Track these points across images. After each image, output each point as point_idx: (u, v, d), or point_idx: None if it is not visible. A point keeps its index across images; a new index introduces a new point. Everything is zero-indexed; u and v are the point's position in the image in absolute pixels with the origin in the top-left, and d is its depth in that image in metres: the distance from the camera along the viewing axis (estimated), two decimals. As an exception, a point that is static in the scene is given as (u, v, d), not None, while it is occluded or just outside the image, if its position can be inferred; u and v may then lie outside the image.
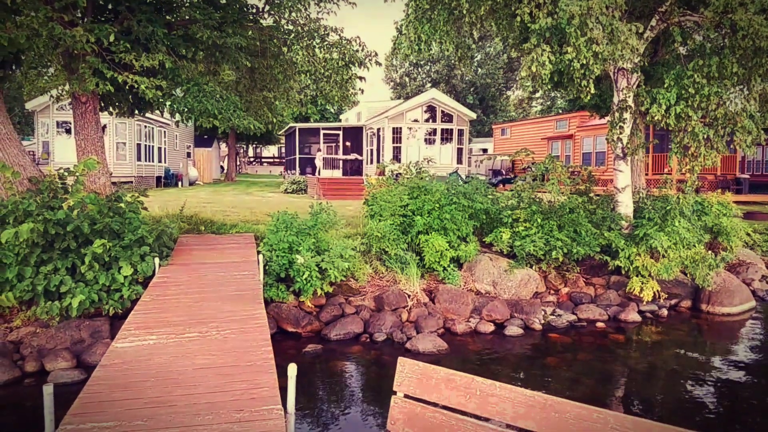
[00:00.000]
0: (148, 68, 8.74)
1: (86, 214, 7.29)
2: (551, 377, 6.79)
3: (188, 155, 31.47)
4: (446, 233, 9.44)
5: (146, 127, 23.64)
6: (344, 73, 11.60)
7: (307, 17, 11.16)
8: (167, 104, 10.15)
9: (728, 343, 8.36)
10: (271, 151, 60.26)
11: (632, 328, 8.71)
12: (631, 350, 7.93)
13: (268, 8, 10.90)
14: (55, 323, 6.87)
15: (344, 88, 12.03)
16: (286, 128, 31.11)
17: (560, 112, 38.10)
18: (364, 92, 13.09)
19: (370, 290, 8.90)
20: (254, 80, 12.39)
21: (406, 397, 3.27)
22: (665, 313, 9.32)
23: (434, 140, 22.91)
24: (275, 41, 11.04)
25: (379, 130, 23.17)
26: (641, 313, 9.19)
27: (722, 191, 12.34)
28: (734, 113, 8.95)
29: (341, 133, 28.04)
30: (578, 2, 7.63)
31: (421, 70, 51.42)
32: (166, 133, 26.17)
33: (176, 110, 9.84)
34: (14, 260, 6.63)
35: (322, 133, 28.00)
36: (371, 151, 24.70)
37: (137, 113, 11.38)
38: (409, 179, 10.54)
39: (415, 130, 22.76)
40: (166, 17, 9.99)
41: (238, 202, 16.58)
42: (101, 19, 9.70)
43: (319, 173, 25.77)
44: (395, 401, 3.27)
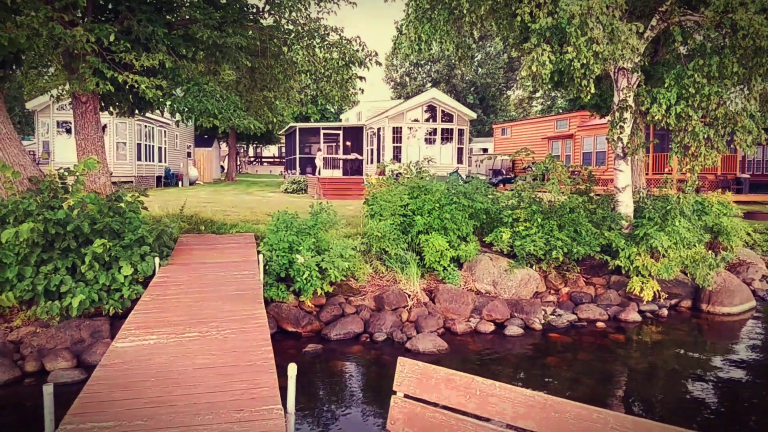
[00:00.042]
0: (148, 68, 8.74)
1: (86, 213, 7.29)
2: (551, 377, 6.79)
3: (188, 155, 31.47)
4: (446, 233, 9.44)
5: (146, 126, 23.64)
6: (344, 72, 11.60)
7: (307, 17, 11.17)
8: (167, 104, 10.17)
9: (728, 342, 8.36)
10: (271, 150, 60.21)
11: (632, 327, 8.71)
12: (631, 350, 7.93)
13: (268, 8, 10.90)
14: (55, 323, 6.88)
15: (344, 87, 12.04)
16: (286, 128, 31.10)
17: (560, 111, 38.08)
18: (364, 92, 13.09)
19: (370, 290, 8.90)
20: (254, 80, 12.40)
21: (406, 397, 3.27)
22: (665, 312, 9.32)
23: (434, 140, 22.90)
24: (275, 41, 11.04)
25: (379, 129, 23.16)
26: (641, 312, 9.19)
27: (722, 191, 12.33)
28: (735, 113, 8.95)
29: (341, 132, 28.03)
30: (578, 2, 7.63)
31: (421, 69, 51.41)
32: (166, 132, 26.17)
33: (176, 110, 9.85)
34: (14, 260, 6.63)
35: (322, 132, 27.99)
36: (371, 150, 24.69)
37: (137, 113, 11.38)
38: (409, 179, 10.54)
39: (415, 129, 22.75)
40: (166, 17, 9.99)
41: (238, 201, 16.58)
42: (101, 18, 9.71)
43: (319, 173, 25.77)
44: (395, 401, 3.27)
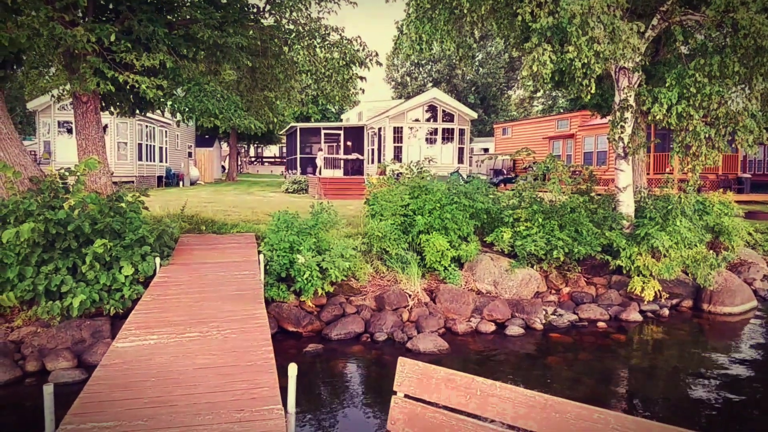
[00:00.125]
0: (149, 68, 8.75)
1: (87, 213, 7.29)
2: (552, 377, 6.78)
3: (189, 155, 31.48)
4: (447, 233, 9.44)
5: (147, 126, 23.65)
6: (345, 72, 11.60)
7: (307, 17, 11.17)
8: (168, 104, 10.17)
9: (730, 342, 8.34)
10: (272, 150, 60.19)
11: (633, 327, 8.70)
12: (632, 350, 7.93)
13: (269, 8, 10.91)
14: (56, 323, 6.88)
15: (345, 87, 12.04)
16: (287, 128, 31.10)
17: (561, 111, 38.06)
18: (365, 92, 13.13)
19: (370, 290, 8.89)
20: (255, 80, 12.40)
21: (406, 397, 3.26)
22: (666, 312, 9.30)
23: (435, 140, 22.89)
24: (276, 41, 11.04)
25: (380, 129, 23.16)
26: (642, 312, 9.18)
27: (724, 191, 12.31)
28: (736, 112, 8.94)
29: (342, 132, 28.02)
30: (579, 1, 7.62)
31: (422, 69, 51.41)
32: (167, 132, 26.18)
33: (177, 110, 9.86)
34: (15, 260, 6.63)
35: (323, 132, 27.99)
36: (372, 150, 24.68)
37: (138, 113, 11.39)
38: (410, 179, 10.54)
39: (416, 129, 22.74)
40: (166, 17, 10.00)
41: (239, 201, 16.58)
42: (102, 18, 9.72)
43: (320, 173, 25.76)
44: (395, 401, 3.27)
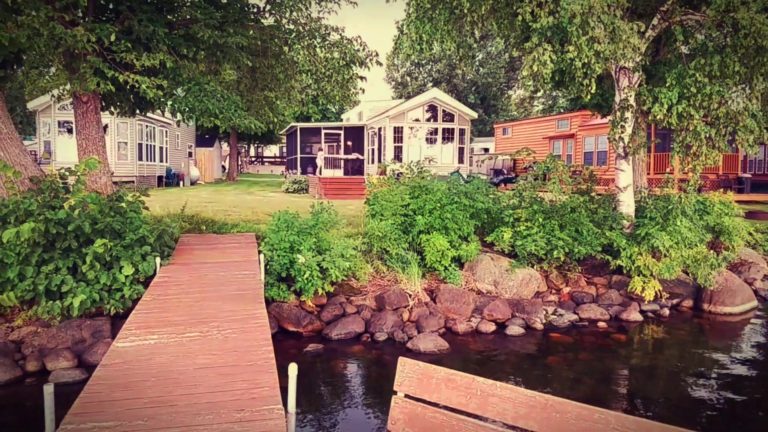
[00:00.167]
0: (149, 68, 8.75)
1: (87, 213, 7.29)
2: (552, 377, 6.78)
3: (190, 155, 31.48)
4: (447, 233, 9.44)
5: (148, 126, 23.65)
6: (345, 72, 11.59)
7: (308, 17, 11.17)
8: (168, 104, 10.17)
9: (730, 342, 8.34)
10: (272, 150, 60.19)
11: (634, 327, 8.70)
12: (632, 350, 7.92)
13: (269, 8, 10.90)
14: (56, 323, 6.88)
15: (345, 87, 12.04)
16: (287, 128, 31.10)
17: (562, 111, 38.06)
18: (365, 92, 13.14)
19: (371, 290, 8.89)
20: (255, 80, 12.40)
21: (406, 397, 3.26)
22: (667, 312, 9.30)
23: (435, 140, 22.89)
24: (276, 41, 11.03)
25: (380, 129, 23.16)
26: (643, 312, 9.18)
27: (724, 190, 12.31)
28: (736, 112, 8.93)
29: (342, 132, 28.02)
30: (580, 1, 7.61)
31: (422, 69, 51.40)
32: (167, 132, 26.19)
33: (177, 110, 9.85)
34: (15, 260, 6.64)
35: (323, 132, 27.99)
36: (372, 150, 24.68)
37: (138, 113, 11.39)
38: (410, 179, 10.54)
39: (416, 129, 22.74)
40: (167, 17, 9.99)
41: (239, 201, 16.58)
42: (102, 18, 9.71)
43: (320, 173, 25.76)
44: (396, 401, 3.27)
